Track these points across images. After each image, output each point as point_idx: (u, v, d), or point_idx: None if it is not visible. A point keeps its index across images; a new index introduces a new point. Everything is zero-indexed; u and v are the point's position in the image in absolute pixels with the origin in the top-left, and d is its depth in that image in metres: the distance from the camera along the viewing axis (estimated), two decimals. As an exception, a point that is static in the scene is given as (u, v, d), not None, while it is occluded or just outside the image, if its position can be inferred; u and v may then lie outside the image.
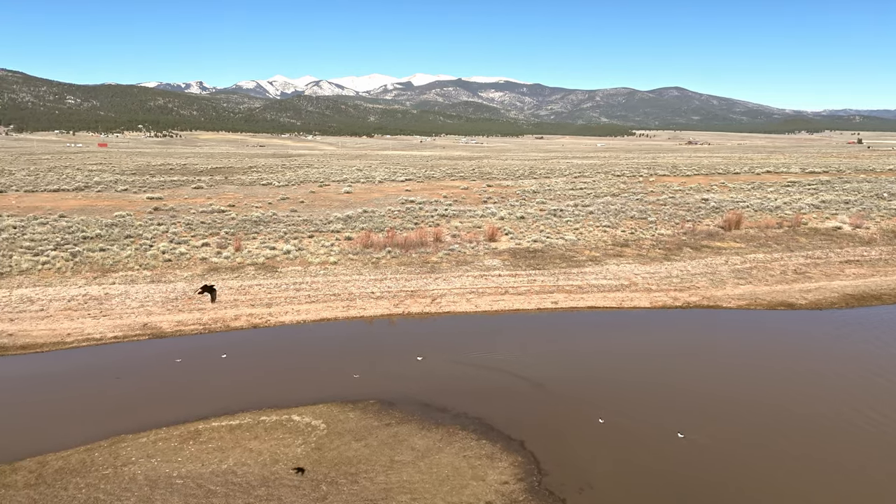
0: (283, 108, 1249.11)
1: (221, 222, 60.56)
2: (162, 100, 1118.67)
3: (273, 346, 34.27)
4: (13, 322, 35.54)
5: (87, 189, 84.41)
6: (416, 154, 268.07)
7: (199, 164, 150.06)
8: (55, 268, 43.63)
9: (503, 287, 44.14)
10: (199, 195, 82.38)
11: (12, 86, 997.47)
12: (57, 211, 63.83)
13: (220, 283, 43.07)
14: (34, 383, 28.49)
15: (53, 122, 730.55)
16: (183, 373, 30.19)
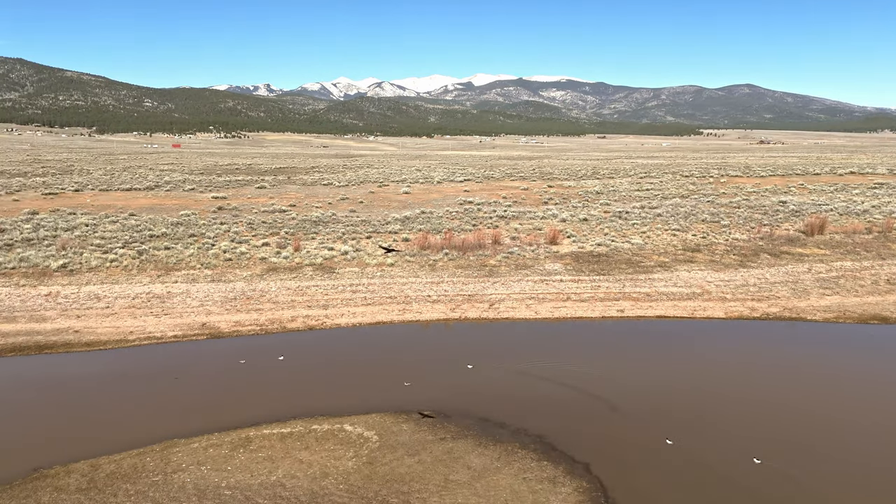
0: (346, 110, 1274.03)
1: (282, 222, 61.01)
2: (231, 102, 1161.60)
3: (327, 350, 33.65)
4: (80, 319, 36.36)
5: (157, 188, 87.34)
6: (475, 154, 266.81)
7: (263, 164, 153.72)
8: (122, 265, 44.67)
9: (565, 293, 42.19)
10: (261, 195, 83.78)
11: (95, 90, 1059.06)
12: (127, 209, 65.99)
13: (277, 283, 43.02)
14: (95, 382, 28.78)
15: (132, 123, 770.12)
16: (238, 375, 29.89)
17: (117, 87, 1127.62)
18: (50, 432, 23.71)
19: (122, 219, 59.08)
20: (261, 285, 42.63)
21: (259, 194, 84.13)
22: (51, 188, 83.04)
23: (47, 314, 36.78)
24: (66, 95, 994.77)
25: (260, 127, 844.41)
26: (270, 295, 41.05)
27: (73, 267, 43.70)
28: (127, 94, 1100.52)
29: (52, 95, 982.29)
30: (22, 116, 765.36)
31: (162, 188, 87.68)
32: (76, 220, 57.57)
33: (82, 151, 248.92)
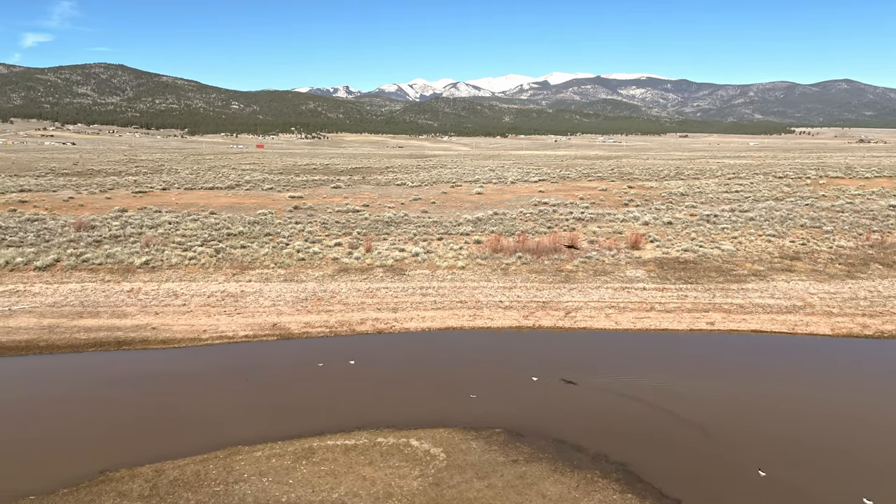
0: (422, 110, 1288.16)
1: (355, 222, 60.92)
2: (312, 104, 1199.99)
3: (395, 355, 32.56)
4: (157, 316, 37.04)
5: (237, 187, 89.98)
6: (550, 154, 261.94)
7: (340, 164, 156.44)
8: (200, 263, 45.52)
9: (648, 302, 39.34)
10: (336, 194, 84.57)
11: (188, 93, 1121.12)
12: (209, 208, 67.96)
13: (348, 284, 42.52)
14: (167, 381, 28.89)
15: (220, 125, 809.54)
16: (304, 379, 29.28)
17: (207, 90, 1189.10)
18: (120, 431, 23.74)
19: (203, 217, 60.73)
20: (332, 286, 42.25)
21: (334, 194, 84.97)
22: (141, 186, 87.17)
23: (128, 310, 37.72)
24: (162, 99, 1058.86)
25: (338, 128, 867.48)
26: (341, 296, 40.56)
27: (154, 264, 44.90)
28: (216, 97, 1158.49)
29: (149, 99, 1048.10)
30: (122, 119, 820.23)
31: (242, 187, 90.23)
32: (161, 217, 59.65)
33: (174, 152, 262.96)
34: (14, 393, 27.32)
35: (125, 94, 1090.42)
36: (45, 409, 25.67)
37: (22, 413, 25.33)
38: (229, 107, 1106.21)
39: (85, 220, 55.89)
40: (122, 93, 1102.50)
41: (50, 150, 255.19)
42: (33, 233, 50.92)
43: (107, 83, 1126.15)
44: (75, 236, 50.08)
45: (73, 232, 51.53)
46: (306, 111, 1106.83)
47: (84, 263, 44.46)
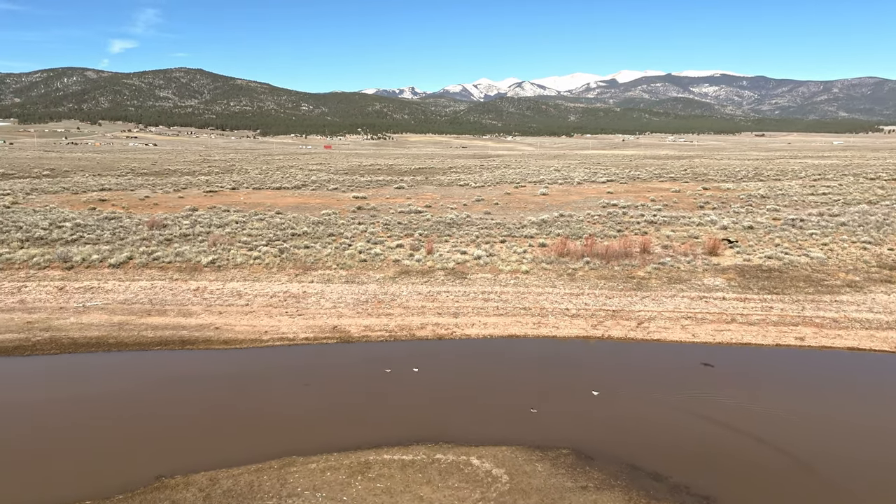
0: (486, 110, 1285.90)
1: (417, 223, 60.17)
2: (378, 105, 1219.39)
3: (455, 363, 31.29)
4: (221, 315, 37.22)
5: (303, 187, 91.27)
6: (617, 153, 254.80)
7: (404, 164, 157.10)
8: (264, 263, 45.76)
9: (729, 313, 36.47)
10: (399, 195, 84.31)
11: (260, 95, 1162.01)
12: (275, 207, 68.93)
13: (409, 287, 41.63)
14: (227, 383, 28.69)
15: (290, 126, 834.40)
16: (363, 385, 28.42)
17: (279, 92, 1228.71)
18: (178, 434, 23.52)
19: (269, 217, 61.50)
20: (392, 288, 41.46)
21: (397, 194, 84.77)
22: (212, 186, 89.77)
23: (193, 309, 38.11)
24: (236, 101, 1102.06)
25: (403, 128, 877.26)
26: (401, 299, 39.68)
27: (220, 263, 45.45)
28: (287, 99, 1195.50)
29: (224, 102, 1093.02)
30: (200, 121, 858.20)
31: (308, 187, 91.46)
32: (228, 217, 60.79)
33: (246, 152, 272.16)
34: (80, 390, 27.73)
35: (203, 97, 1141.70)
36: (107, 408, 25.85)
37: (85, 411, 25.56)
38: (299, 108, 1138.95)
39: (158, 218, 57.56)
40: (200, 96, 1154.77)
41: (132, 151, 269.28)
42: (109, 231, 52.75)
43: (186, 87, 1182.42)
44: (148, 234, 51.51)
45: (146, 230, 53.05)
46: (372, 112, 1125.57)
47: (155, 261, 45.51)
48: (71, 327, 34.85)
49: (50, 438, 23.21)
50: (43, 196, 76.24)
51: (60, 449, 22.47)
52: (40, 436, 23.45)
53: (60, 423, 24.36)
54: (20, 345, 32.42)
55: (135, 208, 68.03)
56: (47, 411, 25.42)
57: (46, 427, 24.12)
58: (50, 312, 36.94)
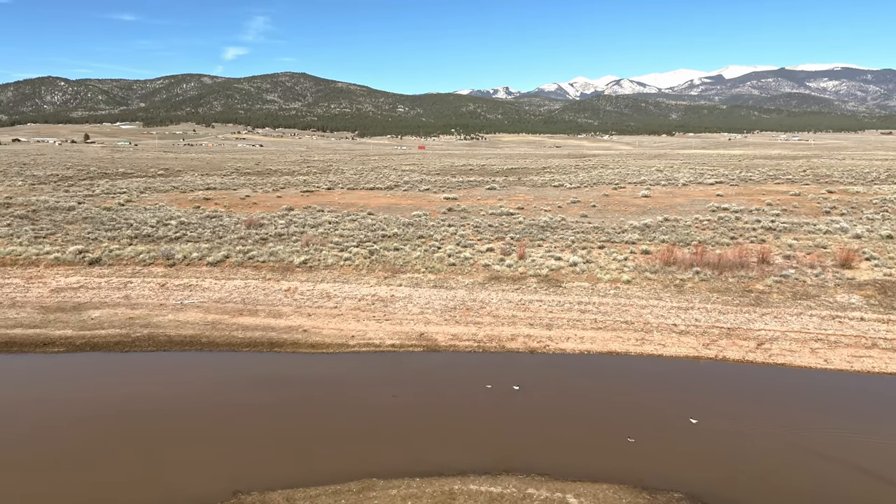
0: (581, 109, 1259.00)
1: (508, 226, 57.94)
2: (472, 105, 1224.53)
3: (550, 381, 28.88)
4: (310, 317, 36.82)
5: (395, 188, 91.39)
6: (723, 153, 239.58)
7: (496, 165, 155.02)
8: (354, 265, 45.27)
9: (869, 337, 31.64)
10: (491, 196, 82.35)
11: (359, 98, 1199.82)
12: (367, 208, 69.01)
13: (499, 294, 39.56)
14: (311, 391, 27.89)
15: (387, 127, 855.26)
16: (449, 400, 26.70)
17: (376, 94, 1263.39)
18: (259, 444, 22.77)
19: (361, 217, 61.44)
20: (482, 295, 39.56)
21: (489, 195, 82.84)
22: (309, 186, 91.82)
23: (283, 310, 38.00)
24: (337, 104, 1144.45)
25: (496, 129, 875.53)
26: (491, 307, 37.68)
27: (312, 263, 45.41)
28: (384, 100, 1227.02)
29: (325, 104, 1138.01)
30: (302, 123, 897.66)
31: (400, 188, 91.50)
32: (322, 217, 61.30)
33: (344, 153, 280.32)
34: (168, 391, 27.83)
35: (306, 100, 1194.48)
36: (192, 412, 25.66)
37: (170, 414, 25.47)
38: (395, 110, 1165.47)
39: (255, 217, 58.91)
40: (304, 99, 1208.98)
41: (240, 152, 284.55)
42: (210, 229, 54.41)
43: (291, 90, 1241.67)
44: (245, 233, 52.63)
45: (244, 229, 54.28)
46: (466, 113, 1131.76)
47: (249, 260, 46.18)
48: (168, 325, 35.60)
49: (133, 440, 23.16)
50: (154, 195, 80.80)
51: (141, 454, 22.31)
52: (124, 437, 23.47)
53: (145, 426, 24.34)
54: (121, 340, 33.37)
55: (235, 207, 70.37)
56: (136, 412, 25.56)
57: (132, 428, 24.16)
58: (150, 309, 38.02)
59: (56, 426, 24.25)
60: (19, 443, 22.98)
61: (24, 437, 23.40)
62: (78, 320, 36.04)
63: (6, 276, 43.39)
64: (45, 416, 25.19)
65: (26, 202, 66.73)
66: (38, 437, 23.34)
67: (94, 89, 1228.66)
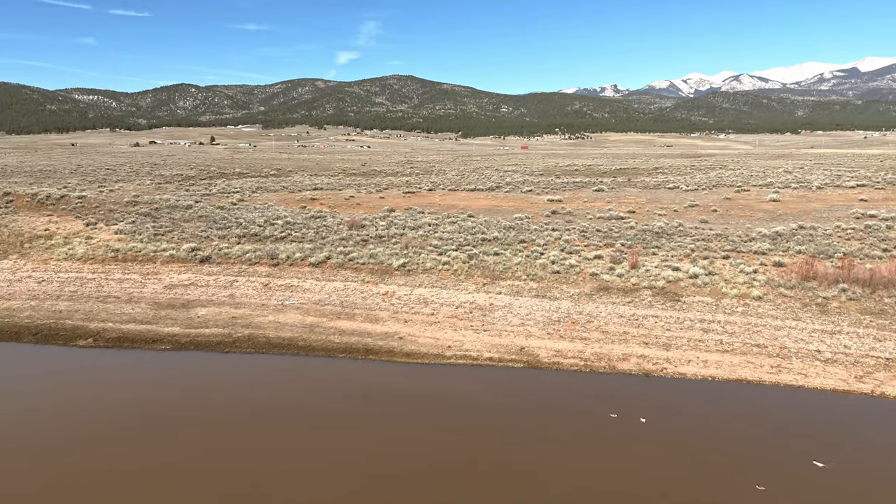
0: (695, 107, 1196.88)
1: (618, 231, 54.00)
2: (578, 104, 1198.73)
3: (670, 411, 25.54)
4: (406, 324, 35.49)
5: (497, 189, 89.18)
6: (859, 153, 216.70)
7: (603, 165, 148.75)
8: (452, 269, 43.60)
9: None
10: (598, 198, 78.07)
11: (463, 99, 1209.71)
12: (468, 210, 67.33)
13: (608, 307, 36.31)
14: (405, 405, 26.34)
15: (490, 128, 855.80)
16: (566, 431, 24.15)
17: (480, 95, 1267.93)
18: (344, 470, 21.41)
19: (461, 220, 59.83)
20: (589, 307, 36.49)
21: (596, 198, 78.59)
22: (411, 187, 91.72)
23: (380, 315, 36.97)
24: (441, 105, 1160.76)
25: (603, 127, 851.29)
26: (599, 321, 34.56)
27: (410, 267, 44.25)
28: (488, 101, 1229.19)
29: (431, 105, 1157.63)
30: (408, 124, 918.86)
31: (502, 189, 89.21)
32: (423, 219, 60.31)
33: (446, 153, 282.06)
34: (264, 396, 27.29)
35: (412, 102, 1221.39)
36: (281, 425, 24.84)
37: (259, 426, 24.78)
38: (499, 110, 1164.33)
39: (357, 218, 58.92)
40: (410, 101, 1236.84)
41: (348, 153, 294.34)
42: (314, 229, 54.90)
43: (398, 93, 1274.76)
44: (347, 234, 52.55)
45: (346, 230, 54.29)
46: (571, 112, 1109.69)
47: (350, 262, 45.78)
48: (268, 326, 35.57)
49: (232, 445, 22.60)
50: (265, 194, 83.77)
51: (241, 459, 21.63)
52: (224, 441, 22.98)
53: (244, 430, 23.78)
54: (222, 340, 33.62)
55: (339, 207, 71.17)
56: (235, 415, 25.15)
57: (231, 431, 23.67)
58: (253, 309, 38.30)
59: (162, 425, 24.26)
60: (129, 440, 23.10)
61: (133, 435, 23.52)
62: (185, 318, 36.89)
63: (127, 272, 45.66)
64: (153, 414, 25.34)
65: (150, 200, 71.07)
66: (145, 436, 23.38)
67: (221, 94, 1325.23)
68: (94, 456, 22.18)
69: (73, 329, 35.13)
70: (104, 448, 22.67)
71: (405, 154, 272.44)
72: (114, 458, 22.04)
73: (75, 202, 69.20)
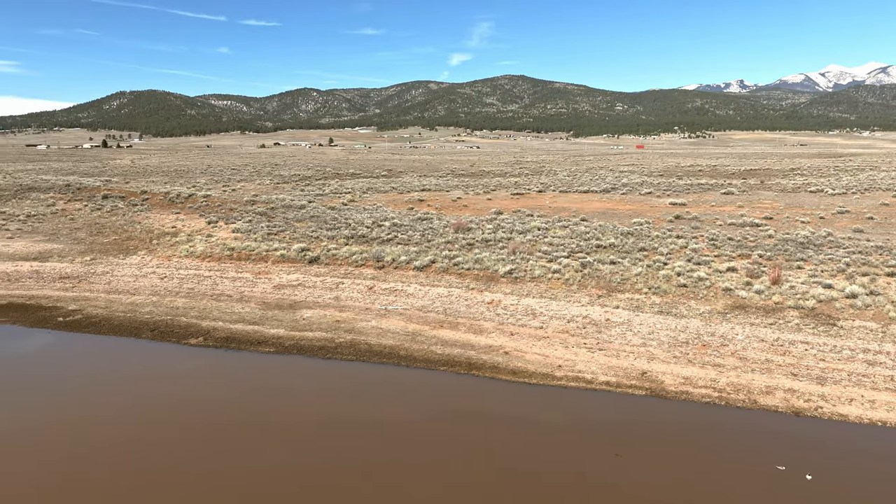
0: (834, 102, 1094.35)
1: (754, 240, 48.18)
2: (699, 101, 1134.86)
3: (841, 468, 21.14)
4: (512, 337, 32.97)
5: (612, 191, 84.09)
6: None
7: (730, 165, 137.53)
8: (563, 278, 40.48)
9: None
10: (727, 202, 71.13)
11: (576, 97, 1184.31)
12: (580, 213, 63.50)
13: (746, 329, 31.72)
14: (515, 432, 23.84)
15: (603, 127, 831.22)
16: (718, 483, 20.68)
17: (594, 93, 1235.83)
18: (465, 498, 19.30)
19: (573, 224, 56.27)
20: (722, 329, 32.09)
21: (725, 201, 71.67)
22: (519, 188, 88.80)
23: (484, 325, 34.72)
24: (553, 104, 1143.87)
25: (727, 126, 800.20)
26: (735, 346, 30.17)
27: (517, 274, 41.66)
28: (601, 99, 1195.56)
29: (542, 105, 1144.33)
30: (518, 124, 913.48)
31: (618, 191, 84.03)
32: (531, 222, 57.40)
33: (557, 153, 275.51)
34: (364, 410, 25.86)
35: (522, 102, 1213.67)
36: (386, 440, 23.19)
37: (366, 438, 23.27)
38: (613, 108, 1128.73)
39: (463, 221, 57.11)
40: (521, 100, 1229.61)
41: (457, 153, 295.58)
42: (420, 232, 53.73)
43: (509, 93, 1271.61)
44: (452, 238, 50.85)
45: (452, 233, 52.62)
46: (692, 109, 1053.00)
47: (454, 267, 43.97)
48: (371, 332, 34.43)
49: (337, 462, 21.27)
50: (375, 195, 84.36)
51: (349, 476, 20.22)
52: (330, 456, 21.72)
53: (346, 446, 22.42)
54: (325, 345, 32.83)
55: (446, 209, 69.83)
56: (335, 426, 23.90)
57: (335, 448, 22.39)
58: (356, 313, 37.42)
59: (259, 434, 23.52)
60: (230, 447, 22.51)
61: (233, 443, 22.92)
62: (291, 319, 36.64)
63: (240, 271, 46.68)
64: (251, 420, 24.73)
65: (267, 200, 73.52)
66: (244, 444, 22.70)
67: (339, 98, 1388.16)
68: (192, 458, 21.68)
69: (187, 327, 35.87)
70: (204, 451, 22.15)
71: (514, 154, 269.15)
72: (211, 462, 21.40)
73: (201, 201, 73.01)
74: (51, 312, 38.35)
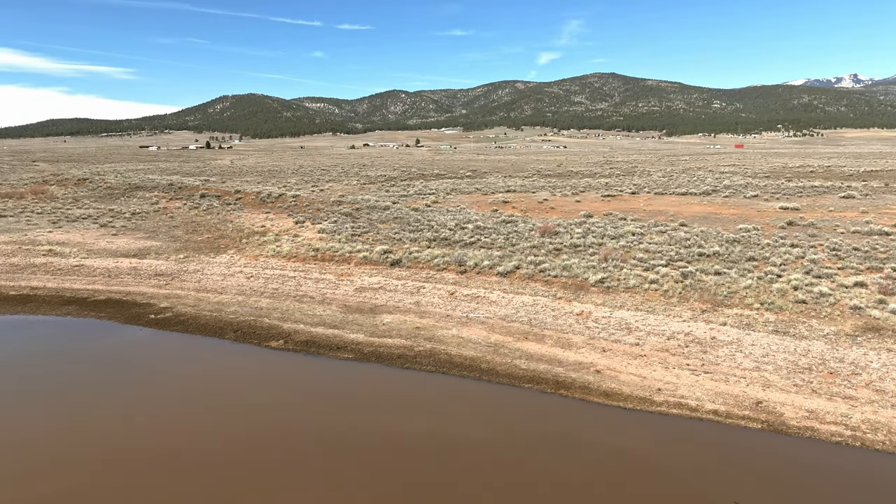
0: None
1: (885, 250, 42.56)
2: (807, 97, 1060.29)
3: None
4: (605, 354, 30.26)
5: (713, 193, 78.19)
6: None
7: (845, 166, 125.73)
8: (661, 289, 37.11)
9: None
10: (848, 207, 64.13)
11: (669, 95, 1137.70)
12: (678, 217, 59.04)
13: (882, 355, 27.43)
14: (609, 467, 21.35)
15: (698, 125, 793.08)
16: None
17: (689, 91, 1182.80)
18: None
19: (671, 229, 52.20)
20: (853, 354, 27.94)
21: (845, 206, 64.67)
22: (610, 190, 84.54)
23: (573, 339, 32.18)
24: (644, 102, 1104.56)
25: (838, 123, 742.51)
26: (870, 375, 26.07)
27: (609, 283, 38.68)
28: (697, 97, 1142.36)
29: (633, 103, 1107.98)
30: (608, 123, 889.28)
31: (719, 193, 78.06)
32: (624, 227, 53.82)
33: (649, 153, 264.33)
34: (443, 429, 24.15)
35: (612, 100, 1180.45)
36: (468, 465, 21.37)
37: (443, 462, 21.56)
38: (710, 106, 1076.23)
39: (550, 224, 54.42)
40: (610, 99, 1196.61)
41: (544, 153, 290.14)
42: (504, 235, 51.63)
43: (598, 91, 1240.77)
44: (538, 242, 48.38)
45: (538, 237, 50.15)
46: (798, 106, 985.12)
47: (540, 273, 41.55)
48: (451, 341, 32.78)
49: (375, 487, 19.73)
50: (458, 196, 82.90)
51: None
52: (366, 482, 20.23)
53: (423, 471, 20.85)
54: (403, 353, 31.51)
55: (532, 211, 67.22)
56: (415, 450, 22.38)
57: (380, 473, 20.88)
58: (437, 320, 35.91)
59: (330, 446, 22.41)
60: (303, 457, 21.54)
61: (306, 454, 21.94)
62: (371, 324, 35.64)
63: (323, 272, 46.43)
64: (324, 429, 23.68)
65: (353, 200, 73.80)
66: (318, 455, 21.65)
67: (427, 99, 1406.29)
68: (267, 469, 20.79)
69: (269, 328, 35.65)
70: (279, 460, 21.23)
71: (603, 154, 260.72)
72: (286, 475, 20.41)
73: (290, 201, 74.37)
74: (144, 309, 39.40)
